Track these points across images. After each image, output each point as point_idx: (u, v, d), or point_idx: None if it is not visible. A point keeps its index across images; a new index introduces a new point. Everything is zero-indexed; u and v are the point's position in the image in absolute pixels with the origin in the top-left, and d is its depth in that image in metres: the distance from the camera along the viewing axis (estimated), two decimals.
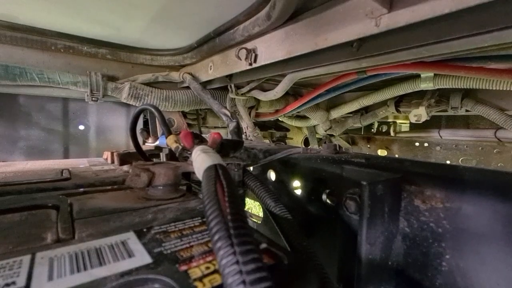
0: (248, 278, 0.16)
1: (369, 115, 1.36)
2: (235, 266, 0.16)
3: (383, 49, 0.46)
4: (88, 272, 0.21)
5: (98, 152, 1.13)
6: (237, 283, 0.16)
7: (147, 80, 0.99)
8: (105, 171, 0.61)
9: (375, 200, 0.32)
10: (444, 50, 0.41)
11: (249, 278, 0.16)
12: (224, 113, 0.74)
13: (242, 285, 0.16)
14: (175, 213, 0.35)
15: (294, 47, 0.55)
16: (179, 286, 0.19)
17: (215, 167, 0.27)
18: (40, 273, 0.20)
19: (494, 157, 1.40)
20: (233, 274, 0.16)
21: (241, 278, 0.16)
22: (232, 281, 0.16)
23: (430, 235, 0.33)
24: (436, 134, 1.60)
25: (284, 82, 0.77)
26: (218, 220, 0.19)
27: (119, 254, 0.23)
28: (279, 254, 0.23)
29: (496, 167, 1.37)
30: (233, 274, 0.16)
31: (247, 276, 0.16)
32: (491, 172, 0.34)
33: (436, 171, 0.36)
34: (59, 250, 0.24)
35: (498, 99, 1.00)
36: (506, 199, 0.28)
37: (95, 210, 0.35)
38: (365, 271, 0.33)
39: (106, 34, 0.83)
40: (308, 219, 0.51)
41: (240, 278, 0.16)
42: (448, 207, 0.32)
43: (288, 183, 0.56)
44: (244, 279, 0.16)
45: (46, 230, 0.29)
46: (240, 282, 0.16)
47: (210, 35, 0.74)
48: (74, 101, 1.08)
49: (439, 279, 0.33)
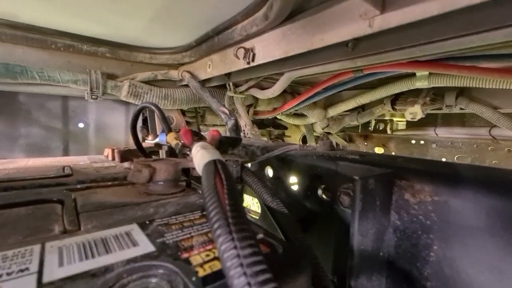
0: (245, 262, 0.17)
1: (366, 113, 1.37)
2: (233, 251, 0.18)
3: (377, 49, 0.47)
4: (96, 259, 0.22)
5: (98, 150, 1.14)
6: (235, 265, 0.17)
7: (146, 78, 1.00)
8: (106, 168, 0.62)
9: (367, 194, 0.34)
10: (436, 50, 0.43)
11: (246, 261, 0.17)
12: (222, 111, 0.75)
13: (240, 268, 0.17)
14: (175, 207, 0.36)
15: (291, 47, 0.56)
16: (181, 271, 0.20)
17: (215, 162, 0.28)
18: (51, 260, 0.22)
19: (489, 155, 1.42)
20: (231, 258, 0.18)
21: (239, 262, 0.17)
22: (230, 265, 0.17)
23: (419, 227, 0.35)
24: (432, 132, 1.63)
25: (282, 81, 0.79)
26: (217, 211, 0.21)
27: (124, 243, 0.25)
28: (274, 244, 0.25)
29: (490, 164, 1.39)
30: (231, 258, 0.17)
31: (245, 260, 0.17)
32: (477, 168, 0.36)
33: (426, 167, 0.38)
34: (67, 240, 0.25)
35: (491, 98, 1.02)
36: (489, 193, 0.30)
37: (98, 204, 0.36)
38: (357, 262, 0.35)
39: (105, 32, 0.84)
40: (304, 214, 0.52)
41: (238, 262, 0.17)
42: (436, 200, 0.34)
43: (285, 179, 0.58)
44: (242, 262, 0.17)
45: (53, 223, 0.30)
46: (238, 265, 0.17)
47: (209, 34, 0.75)
48: (74, 99, 1.09)
49: (427, 269, 0.35)
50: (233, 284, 0.17)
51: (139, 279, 0.20)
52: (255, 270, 0.17)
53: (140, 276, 0.20)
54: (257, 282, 0.16)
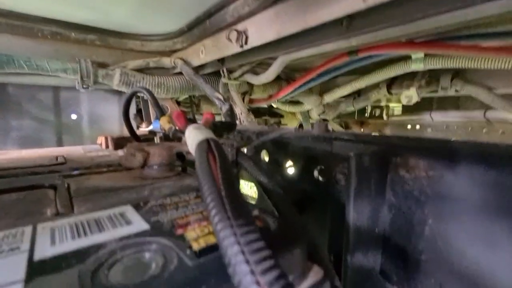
0: (239, 231, 0.17)
1: (362, 98, 1.37)
2: (227, 221, 0.18)
3: (372, 25, 0.46)
4: (89, 237, 0.22)
5: (92, 141, 1.12)
6: (228, 235, 0.17)
7: (138, 66, 0.98)
8: (100, 156, 0.61)
9: (362, 171, 0.34)
10: (431, 25, 0.42)
11: (240, 231, 0.17)
12: (217, 97, 0.74)
13: (233, 237, 0.17)
14: (170, 189, 0.36)
15: (284, 27, 0.55)
16: (175, 245, 0.20)
17: (207, 141, 0.28)
18: (43, 240, 0.21)
19: (483, 137, 1.43)
20: (224, 228, 0.17)
21: (232, 231, 0.17)
22: (224, 235, 0.17)
23: (414, 203, 0.35)
24: (428, 116, 1.63)
25: (276, 65, 0.77)
26: (210, 184, 0.20)
27: (117, 222, 0.25)
28: (268, 219, 0.25)
29: None
30: (224, 228, 0.17)
31: (238, 229, 0.17)
32: (471, 143, 0.36)
33: (420, 143, 0.38)
34: (59, 222, 0.25)
35: (486, 79, 1.02)
36: (483, 166, 0.30)
37: (92, 188, 0.36)
38: (353, 238, 0.35)
39: (93, 18, 0.81)
40: (301, 196, 0.52)
41: (231, 231, 0.17)
42: (431, 175, 0.34)
43: (281, 163, 0.58)
44: (235, 232, 0.17)
45: (45, 206, 0.30)
46: (231, 234, 0.17)
47: (200, 18, 0.73)
48: (65, 90, 1.07)
49: (421, 243, 0.35)
50: (227, 253, 0.17)
51: (132, 254, 0.19)
52: (248, 240, 0.17)
53: (134, 251, 0.20)
54: (250, 250, 0.16)
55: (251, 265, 0.15)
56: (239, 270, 0.16)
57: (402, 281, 0.37)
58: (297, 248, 0.22)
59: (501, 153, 0.30)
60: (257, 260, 0.16)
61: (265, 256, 0.16)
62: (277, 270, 0.15)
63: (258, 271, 0.15)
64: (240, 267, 0.16)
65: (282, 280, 0.15)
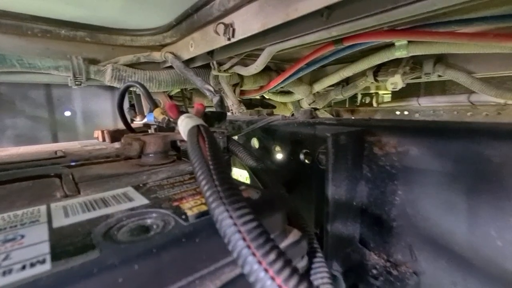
0: (224, 194, 0.21)
1: (350, 86, 1.41)
2: (214, 189, 0.21)
3: (349, 16, 0.50)
4: (97, 211, 0.25)
5: (87, 137, 1.14)
6: (216, 199, 0.20)
7: (129, 61, 1.00)
8: (98, 149, 0.64)
9: (338, 148, 0.38)
10: (402, 15, 0.45)
11: (225, 194, 0.21)
12: (207, 88, 0.77)
13: (223, 206, 0.20)
14: (166, 173, 0.39)
15: (268, 19, 0.57)
16: (172, 213, 0.24)
17: (198, 126, 0.31)
18: (58, 214, 0.25)
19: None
20: (211, 194, 0.21)
21: (219, 196, 0.21)
22: (212, 199, 0.21)
23: (386, 176, 0.40)
24: (415, 102, 1.68)
25: (264, 55, 0.80)
26: (200, 161, 0.24)
27: (121, 200, 0.28)
28: (252, 191, 0.28)
29: None
30: (211, 194, 0.21)
31: (224, 193, 0.21)
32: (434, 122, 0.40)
33: (391, 123, 0.42)
34: (69, 201, 0.28)
35: (466, 63, 1.06)
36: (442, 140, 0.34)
37: (95, 176, 0.39)
38: (332, 210, 0.39)
39: (82, 15, 0.83)
40: (289, 178, 0.56)
41: (220, 202, 0.21)
42: (399, 151, 0.38)
43: (270, 148, 0.61)
44: (221, 196, 0.21)
45: (54, 191, 0.33)
46: (221, 204, 0.20)
47: (188, 12, 0.75)
48: (58, 88, 1.08)
49: (393, 211, 0.39)
50: (215, 213, 0.20)
51: (136, 220, 0.23)
52: (233, 200, 0.20)
53: (138, 219, 0.23)
54: (234, 208, 0.20)
55: (234, 219, 0.19)
56: (224, 224, 0.19)
57: (378, 246, 0.42)
58: (276, 213, 0.26)
59: (456, 129, 0.34)
60: (239, 215, 0.19)
61: (246, 212, 0.20)
62: (255, 222, 0.19)
63: (239, 223, 0.19)
64: (225, 222, 0.19)
65: (259, 228, 0.19)
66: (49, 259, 0.17)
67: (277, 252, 0.17)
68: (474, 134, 0.31)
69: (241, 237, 0.18)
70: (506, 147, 0.28)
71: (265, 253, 0.17)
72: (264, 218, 0.25)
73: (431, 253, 0.36)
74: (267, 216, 0.25)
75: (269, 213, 0.25)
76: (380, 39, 0.83)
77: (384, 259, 0.40)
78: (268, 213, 0.26)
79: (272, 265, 0.17)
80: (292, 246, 0.26)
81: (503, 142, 0.28)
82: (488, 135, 0.30)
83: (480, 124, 0.33)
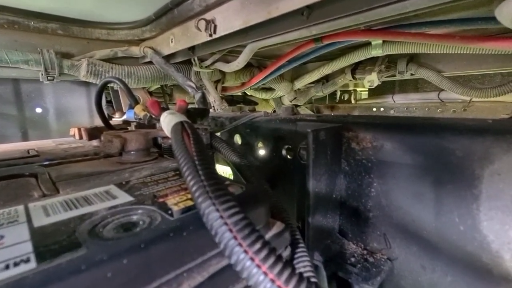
0: (210, 189, 0.21)
1: (330, 83, 1.45)
2: (200, 183, 0.22)
3: (328, 16, 0.51)
4: (80, 209, 0.25)
5: (61, 135, 1.09)
6: (203, 198, 0.21)
7: (106, 56, 0.96)
8: (74, 148, 0.62)
9: (318, 144, 0.40)
10: (376, 16, 0.48)
11: (214, 194, 0.21)
12: (189, 85, 0.76)
13: (209, 200, 0.21)
14: (150, 170, 0.39)
15: (249, 17, 0.58)
16: (158, 209, 0.24)
17: (181, 123, 0.32)
18: (37, 213, 0.24)
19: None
20: (197, 188, 0.21)
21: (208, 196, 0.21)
22: (198, 194, 0.21)
23: (363, 169, 0.42)
24: (390, 99, 1.76)
25: (245, 52, 0.80)
26: (185, 156, 0.24)
27: (104, 197, 0.28)
28: (236, 186, 0.29)
29: None
30: (197, 189, 0.21)
31: (212, 194, 0.21)
32: (407, 118, 0.43)
33: (367, 120, 0.44)
34: (48, 200, 0.28)
35: (436, 62, 1.13)
36: (412, 134, 0.37)
37: (73, 174, 0.38)
38: (313, 202, 0.41)
39: (54, 6, 0.78)
40: (272, 173, 0.58)
41: (207, 196, 0.21)
42: (374, 145, 0.40)
43: (253, 145, 0.62)
44: (210, 196, 0.21)
45: (30, 191, 0.32)
46: (207, 198, 0.21)
47: (168, 6, 0.73)
48: (27, 82, 1.02)
49: (370, 202, 0.42)
50: (201, 207, 0.21)
51: (122, 217, 0.23)
52: (218, 194, 0.21)
53: (123, 215, 0.23)
54: (220, 202, 0.20)
55: (220, 212, 0.20)
56: (211, 217, 0.20)
57: (356, 236, 0.44)
58: (260, 206, 0.27)
59: (425, 124, 0.37)
60: (225, 208, 0.20)
61: (232, 205, 0.21)
62: (240, 214, 0.20)
63: (226, 216, 0.20)
64: (212, 215, 0.20)
65: (245, 220, 0.20)
66: (33, 258, 0.17)
67: (262, 242, 0.18)
68: (440, 129, 0.34)
69: (227, 228, 0.19)
70: (467, 142, 0.31)
71: (251, 243, 0.18)
72: (249, 212, 0.25)
73: (403, 240, 0.39)
74: (251, 209, 0.26)
75: (253, 207, 0.26)
76: (357, 38, 0.86)
77: (362, 248, 0.43)
78: (252, 206, 0.27)
79: (257, 253, 0.18)
80: (276, 237, 0.27)
81: (465, 137, 0.31)
82: (452, 131, 0.32)
83: (446, 120, 0.36)
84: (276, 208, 0.33)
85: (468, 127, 0.31)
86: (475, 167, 0.31)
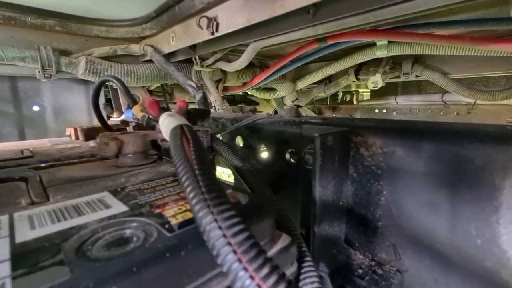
0: (212, 203, 0.19)
1: (332, 84, 1.42)
2: (201, 196, 0.20)
3: (335, 15, 0.49)
4: (69, 221, 0.23)
5: (59, 134, 1.07)
6: (202, 207, 0.19)
7: (105, 53, 0.94)
8: (69, 148, 0.60)
9: (326, 149, 0.37)
10: (387, 15, 0.46)
11: (213, 202, 0.19)
12: (189, 84, 0.74)
13: (211, 215, 0.19)
14: (147, 175, 0.37)
15: (253, 15, 0.56)
16: (154, 222, 0.22)
17: (181, 126, 0.29)
18: (22, 225, 0.22)
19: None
20: (198, 201, 0.19)
21: (206, 204, 0.19)
22: (198, 208, 0.19)
23: (372, 176, 0.40)
24: (393, 100, 1.74)
25: (248, 52, 0.78)
26: (184, 165, 0.22)
27: (96, 207, 0.26)
28: (240, 195, 0.27)
29: None
30: (198, 202, 0.19)
31: (211, 201, 0.19)
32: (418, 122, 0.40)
33: (377, 124, 0.42)
34: (36, 209, 0.25)
35: (442, 64, 1.11)
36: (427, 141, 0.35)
37: (66, 179, 0.36)
38: (319, 211, 0.39)
39: (52, 2, 0.76)
40: (274, 177, 0.56)
41: (205, 204, 0.19)
42: (385, 151, 0.38)
43: (255, 147, 0.60)
44: (209, 204, 0.19)
45: (18, 197, 0.30)
46: (205, 206, 0.19)
47: (169, 3, 0.71)
48: (24, 80, 1.00)
49: (378, 211, 0.40)
50: (202, 223, 0.19)
51: (114, 232, 0.21)
52: (221, 209, 0.19)
53: (115, 229, 0.21)
54: (222, 218, 0.18)
55: (223, 230, 0.18)
56: (212, 235, 0.18)
57: (363, 246, 0.42)
58: (266, 218, 0.25)
59: (441, 129, 0.35)
60: (228, 225, 0.18)
61: (235, 222, 0.18)
62: (245, 232, 0.18)
63: (229, 234, 0.18)
64: (214, 233, 0.18)
65: (250, 240, 0.18)
66: (9, 284, 0.15)
67: (270, 266, 0.16)
68: (458, 136, 0.31)
69: (231, 250, 0.17)
70: (488, 150, 0.29)
71: (257, 267, 0.16)
72: (253, 225, 0.23)
73: (414, 251, 0.37)
74: (256, 222, 0.24)
75: (258, 219, 0.24)
76: (363, 38, 0.84)
77: (369, 259, 0.41)
78: (257, 219, 0.24)
79: (265, 280, 0.16)
80: (282, 253, 0.25)
81: (485, 145, 0.29)
82: (471, 138, 0.30)
83: (463, 126, 0.33)
84: (281, 218, 0.31)
85: (489, 134, 0.29)
86: (495, 177, 0.29)
